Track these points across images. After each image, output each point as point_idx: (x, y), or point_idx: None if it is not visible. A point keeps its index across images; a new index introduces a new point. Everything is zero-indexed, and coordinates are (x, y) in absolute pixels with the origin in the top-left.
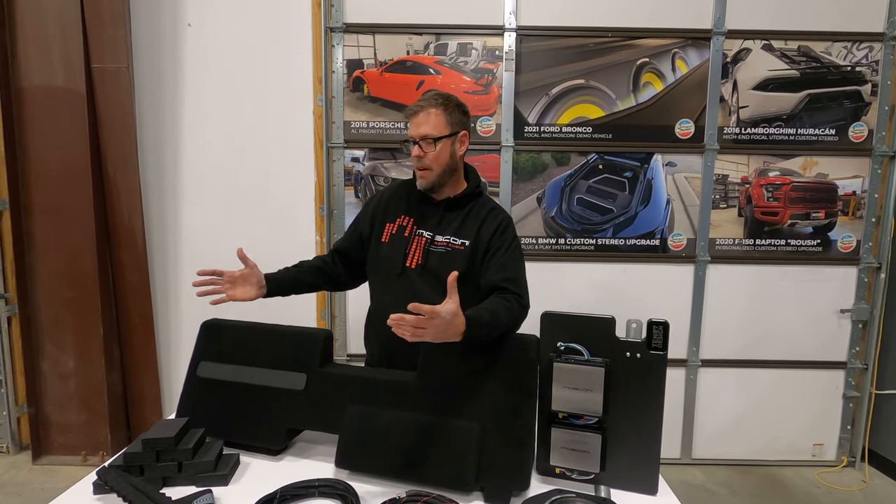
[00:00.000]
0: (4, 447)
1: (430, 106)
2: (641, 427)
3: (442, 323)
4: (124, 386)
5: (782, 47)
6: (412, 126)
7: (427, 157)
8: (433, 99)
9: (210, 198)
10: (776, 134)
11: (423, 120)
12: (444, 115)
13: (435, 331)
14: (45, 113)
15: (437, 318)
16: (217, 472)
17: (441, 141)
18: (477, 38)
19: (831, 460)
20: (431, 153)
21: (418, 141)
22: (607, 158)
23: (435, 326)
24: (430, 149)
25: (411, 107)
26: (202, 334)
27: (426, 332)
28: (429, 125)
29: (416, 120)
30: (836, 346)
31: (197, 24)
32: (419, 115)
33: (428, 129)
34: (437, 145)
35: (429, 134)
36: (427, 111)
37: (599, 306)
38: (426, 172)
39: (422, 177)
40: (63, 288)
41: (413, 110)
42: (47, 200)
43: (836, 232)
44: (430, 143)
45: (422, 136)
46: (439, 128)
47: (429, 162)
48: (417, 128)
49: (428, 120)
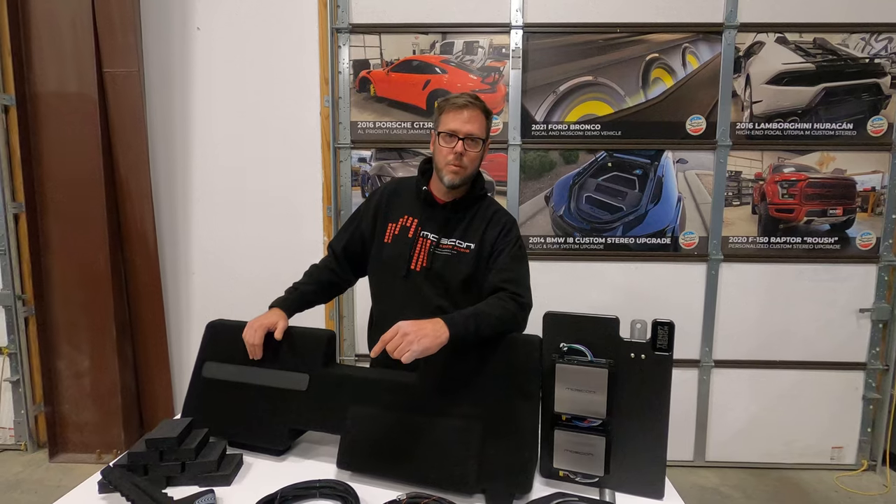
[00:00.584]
0: (23, 445)
1: (477, 107)
2: (647, 430)
3: (409, 331)
4: (137, 385)
5: (797, 40)
6: (456, 120)
7: (468, 156)
8: (477, 101)
9: (219, 199)
10: (791, 129)
11: (471, 118)
12: (485, 119)
13: (413, 340)
14: (59, 118)
15: (400, 329)
16: (220, 472)
17: (483, 143)
18: (483, 37)
19: (851, 464)
20: (473, 152)
21: (463, 137)
22: (616, 156)
23: (406, 337)
24: (473, 149)
25: (457, 100)
26: (207, 335)
27: (409, 346)
28: (476, 125)
29: (461, 115)
30: (855, 346)
31: (205, 28)
32: (467, 111)
33: (475, 129)
34: (479, 147)
35: (475, 134)
36: (475, 111)
37: (609, 306)
38: (460, 170)
39: (455, 173)
40: (77, 289)
41: (461, 104)
42: (61, 203)
43: (855, 229)
44: (476, 143)
45: (469, 133)
46: (482, 131)
47: (468, 161)
48: (464, 124)
49: (476, 119)
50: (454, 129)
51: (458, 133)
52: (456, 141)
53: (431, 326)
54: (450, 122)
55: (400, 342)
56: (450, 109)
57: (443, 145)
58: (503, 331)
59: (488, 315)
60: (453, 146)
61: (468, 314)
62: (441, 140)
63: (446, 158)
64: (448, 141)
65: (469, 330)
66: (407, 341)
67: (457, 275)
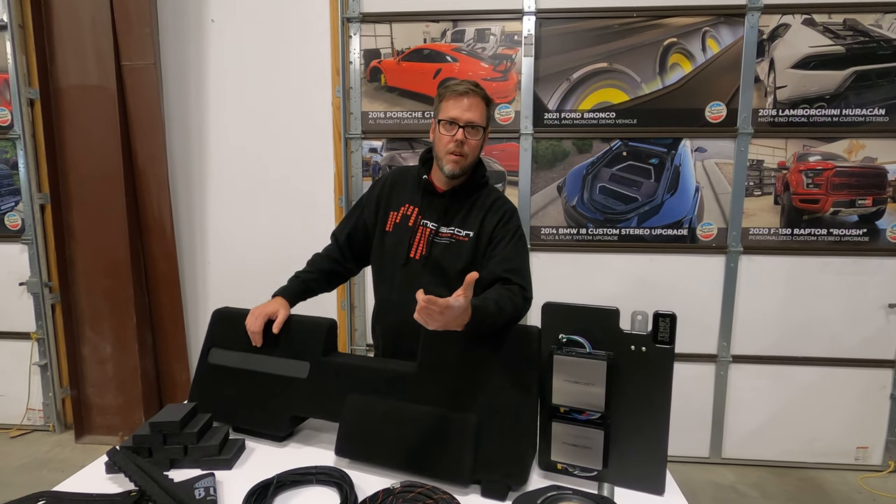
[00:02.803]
0: (51, 426)
1: (478, 95)
2: (647, 424)
3: (451, 315)
4: (157, 370)
5: (825, 21)
6: (456, 108)
7: (469, 145)
8: (478, 88)
9: (234, 189)
10: (818, 115)
11: (471, 105)
12: (486, 107)
13: (443, 320)
14: (80, 111)
15: (450, 310)
16: (221, 456)
17: (483, 132)
18: (495, 24)
19: (877, 465)
20: (474, 141)
21: (464, 125)
22: (632, 145)
23: (445, 317)
24: (474, 137)
25: (456, 86)
26: (213, 322)
27: (435, 321)
28: (477, 112)
29: (462, 103)
30: (883, 342)
31: (219, 20)
32: (467, 98)
33: (475, 117)
34: (480, 135)
35: (476, 121)
36: (476, 98)
37: (623, 299)
38: (461, 159)
39: (455, 162)
40: (100, 277)
41: (461, 91)
42: (83, 194)
43: (885, 220)
44: (476, 131)
45: (469, 121)
46: (483, 118)
47: (469, 150)
48: (464, 111)
49: (476, 107)
50: (454, 117)
51: (459, 121)
52: (456, 129)
53: (459, 322)
54: (450, 110)
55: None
56: (450, 97)
57: (443, 133)
58: (506, 325)
59: (503, 313)
60: (454, 134)
61: (492, 311)
62: (441, 128)
63: (447, 147)
64: (448, 129)
65: (483, 326)
66: (442, 316)
67: (455, 263)
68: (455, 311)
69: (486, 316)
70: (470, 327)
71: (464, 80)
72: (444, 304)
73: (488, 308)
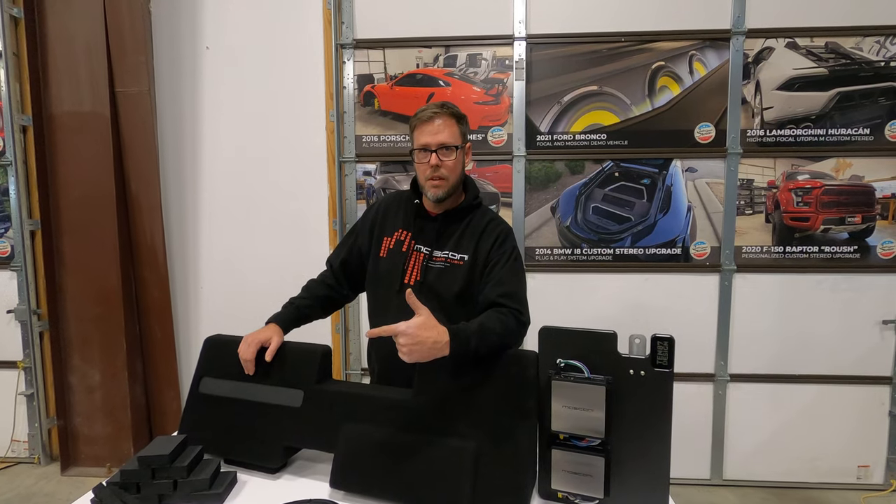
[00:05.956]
0: (36, 458)
1: (444, 115)
2: (648, 449)
3: (411, 339)
4: (147, 400)
5: (808, 45)
6: (425, 134)
7: (445, 166)
8: (444, 107)
9: (227, 215)
10: (804, 135)
11: (440, 128)
12: (457, 125)
13: (411, 347)
14: (73, 137)
15: (402, 335)
16: (212, 490)
17: (458, 150)
18: (486, 49)
19: (879, 483)
20: (450, 162)
21: (436, 149)
22: (623, 165)
23: (408, 343)
24: (448, 157)
25: (422, 113)
26: (205, 350)
27: (407, 356)
28: (447, 133)
29: (430, 127)
30: (879, 359)
31: (214, 47)
32: (435, 122)
33: (446, 138)
34: (455, 154)
35: (447, 142)
36: (443, 119)
37: (618, 319)
38: (442, 182)
39: (437, 186)
40: (90, 304)
41: (426, 117)
42: (75, 220)
43: (875, 237)
44: (450, 152)
45: (440, 143)
46: (455, 137)
47: (447, 172)
48: (434, 135)
49: (445, 128)
50: (425, 144)
51: (430, 146)
52: (429, 154)
53: (433, 340)
54: (420, 137)
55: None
56: (418, 125)
57: (419, 162)
58: (502, 349)
59: (492, 332)
60: (428, 160)
61: (474, 329)
62: (416, 158)
63: (425, 174)
64: (422, 157)
65: (471, 347)
66: (405, 347)
67: (450, 288)
68: (415, 337)
69: (468, 335)
70: (455, 350)
71: (430, 104)
72: (390, 330)
73: (469, 327)
